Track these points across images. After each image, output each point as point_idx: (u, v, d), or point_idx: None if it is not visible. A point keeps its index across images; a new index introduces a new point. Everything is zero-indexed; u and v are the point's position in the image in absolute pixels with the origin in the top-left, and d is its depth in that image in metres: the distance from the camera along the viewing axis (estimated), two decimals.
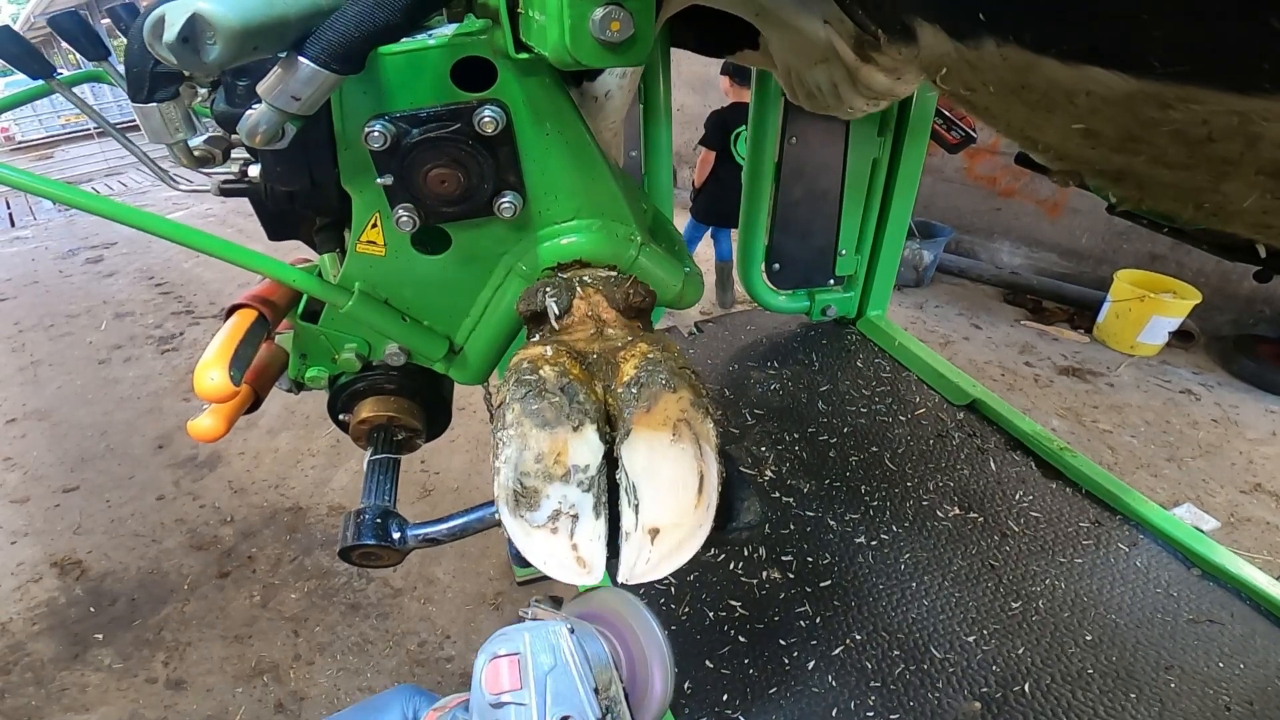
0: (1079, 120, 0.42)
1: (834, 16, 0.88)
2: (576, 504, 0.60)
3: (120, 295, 5.43)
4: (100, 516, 3.00)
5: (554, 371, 0.65)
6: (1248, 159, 0.35)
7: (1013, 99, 0.45)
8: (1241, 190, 0.38)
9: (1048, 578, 1.27)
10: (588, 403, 0.64)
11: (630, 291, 0.82)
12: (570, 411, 0.62)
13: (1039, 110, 0.44)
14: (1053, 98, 0.41)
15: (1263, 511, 2.62)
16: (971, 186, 4.57)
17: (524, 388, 0.63)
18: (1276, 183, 0.36)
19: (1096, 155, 0.46)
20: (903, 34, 0.48)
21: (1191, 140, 0.36)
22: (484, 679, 0.56)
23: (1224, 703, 1.05)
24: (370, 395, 0.98)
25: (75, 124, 14.41)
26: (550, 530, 0.59)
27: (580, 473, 0.61)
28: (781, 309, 2.03)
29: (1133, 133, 0.40)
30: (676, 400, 0.64)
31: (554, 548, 0.59)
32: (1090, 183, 0.61)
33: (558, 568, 0.59)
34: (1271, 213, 0.39)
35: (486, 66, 0.74)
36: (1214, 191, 0.41)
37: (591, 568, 0.59)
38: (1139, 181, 0.46)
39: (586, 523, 0.60)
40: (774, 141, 1.73)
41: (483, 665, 0.57)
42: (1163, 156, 0.40)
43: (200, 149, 0.78)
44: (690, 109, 6.24)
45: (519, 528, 0.60)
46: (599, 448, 0.62)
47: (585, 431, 0.62)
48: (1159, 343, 3.62)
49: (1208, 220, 0.46)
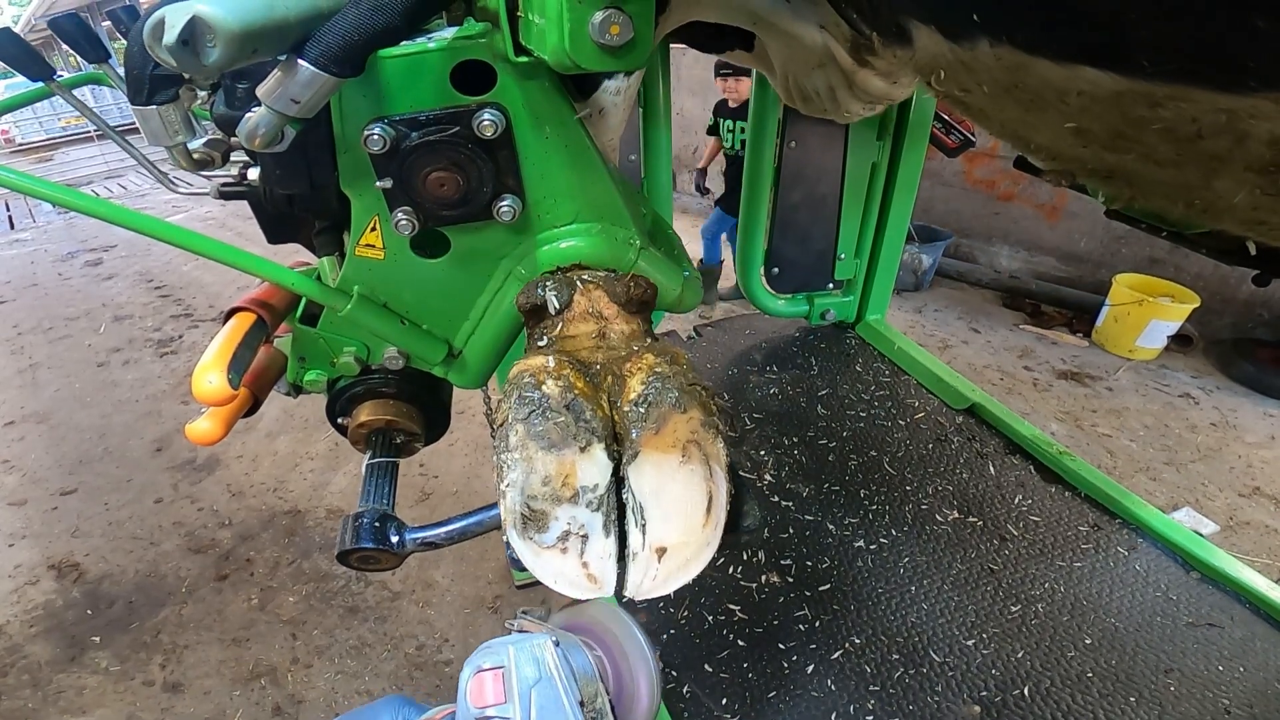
0: (1071, 119, 0.42)
1: (830, 22, 0.89)
2: (586, 524, 0.59)
3: (119, 298, 5.43)
4: (98, 519, 2.99)
5: (558, 387, 0.62)
6: (1236, 156, 0.36)
7: (1006, 99, 0.45)
8: (1231, 187, 0.39)
9: (1047, 581, 1.27)
10: (595, 420, 0.62)
11: (631, 285, 0.81)
12: (577, 431, 0.60)
13: (1032, 110, 0.45)
14: (1045, 97, 0.41)
15: (1262, 515, 2.62)
16: (970, 190, 4.58)
17: (527, 406, 0.61)
18: (1265, 179, 0.36)
19: (1089, 154, 0.46)
20: (898, 36, 0.49)
21: (1181, 138, 0.37)
22: (469, 692, 0.56)
23: (1224, 706, 1.05)
24: (369, 399, 0.98)
25: (75, 126, 14.42)
26: (560, 551, 0.58)
27: (589, 493, 0.59)
28: (780, 313, 2.03)
29: (1123, 131, 0.40)
30: (687, 421, 0.62)
31: (564, 567, 0.58)
32: (1083, 182, 0.61)
33: (568, 586, 0.58)
34: (1261, 209, 0.39)
35: (486, 70, 0.74)
36: (1204, 189, 0.41)
37: (603, 584, 0.58)
38: (1130, 179, 0.47)
39: (597, 542, 0.59)
40: (773, 145, 1.74)
41: (468, 678, 0.57)
42: (1153, 154, 0.41)
43: (200, 152, 0.78)
44: (690, 112, 6.25)
45: (528, 549, 0.59)
46: (607, 466, 0.60)
47: (593, 451, 0.60)
48: (1158, 347, 3.62)
49: (1199, 218, 0.46)
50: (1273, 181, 0.36)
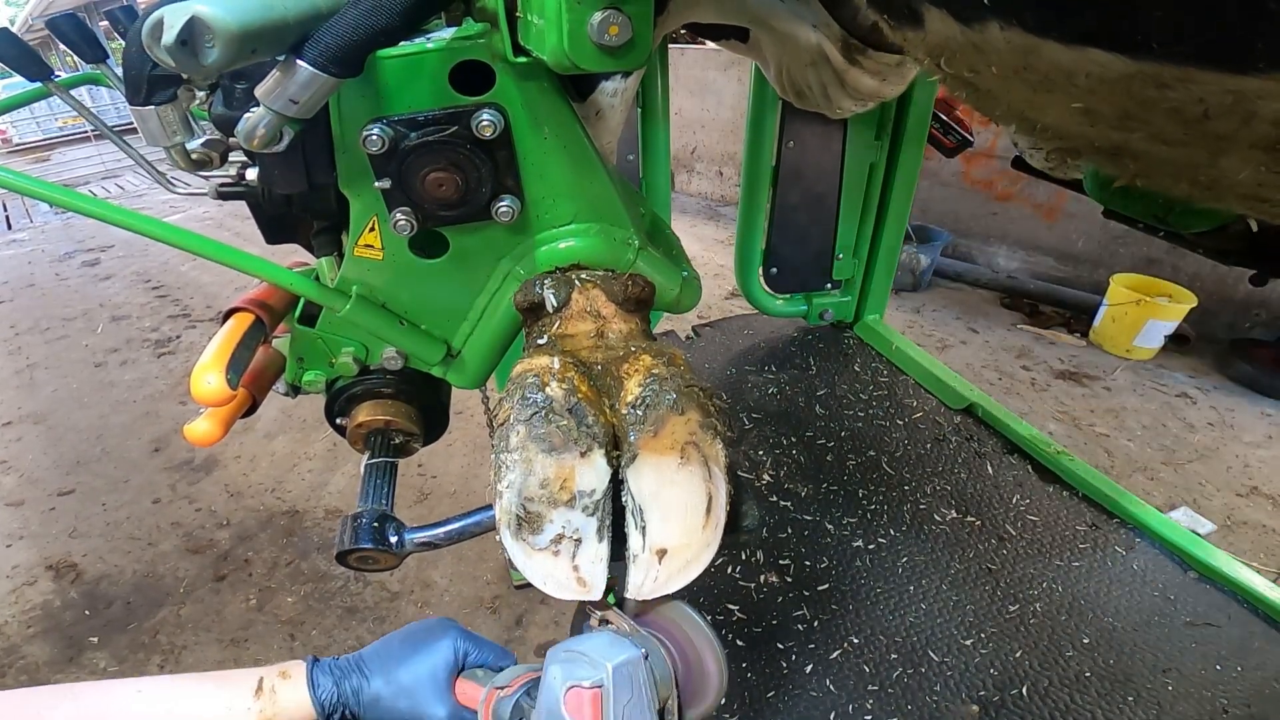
0: (1079, 100, 0.42)
1: (823, 21, 0.89)
2: (580, 528, 0.59)
3: (117, 298, 5.41)
4: (96, 520, 2.99)
5: (562, 390, 0.62)
6: (1243, 135, 0.36)
7: (1015, 80, 0.45)
8: (1236, 165, 0.39)
9: (1045, 581, 1.27)
10: (596, 425, 0.61)
11: (629, 284, 0.81)
12: (579, 436, 0.60)
13: (1040, 91, 0.45)
14: (1054, 79, 0.42)
15: (1259, 514, 2.62)
16: (968, 191, 4.58)
17: (530, 408, 0.61)
18: (1271, 157, 0.37)
19: (1095, 133, 0.47)
20: (910, 19, 0.49)
21: (1188, 118, 0.37)
22: (567, 703, 0.56)
23: (1221, 705, 1.05)
24: (367, 399, 0.98)
25: (73, 126, 14.39)
26: (552, 553, 0.59)
27: (586, 498, 0.59)
28: (779, 313, 2.03)
29: (1131, 112, 0.40)
30: (685, 423, 0.62)
31: (554, 569, 0.58)
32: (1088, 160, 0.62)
33: (556, 588, 0.58)
34: (1266, 186, 0.40)
35: (485, 70, 0.74)
36: (1210, 167, 0.41)
37: (592, 588, 0.58)
38: (1136, 157, 0.47)
39: (589, 546, 0.59)
40: (771, 146, 1.74)
41: (563, 684, 0.57)
42: (1160, 134, 0.41)
43: (198, 152, 0.78)
44: (688, 112, 6.25)
45: (520, 549, 0.59)
46: (606, 473, 0.60)
47: (593, 457, 0.60)
48: (1155, 346, 3.62)
49: (1202, 195, 0.47)
50: (1277, 159, 0.37)
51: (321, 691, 0.64)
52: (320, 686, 0.65)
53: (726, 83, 5.84)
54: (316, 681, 0.65)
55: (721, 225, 5.86)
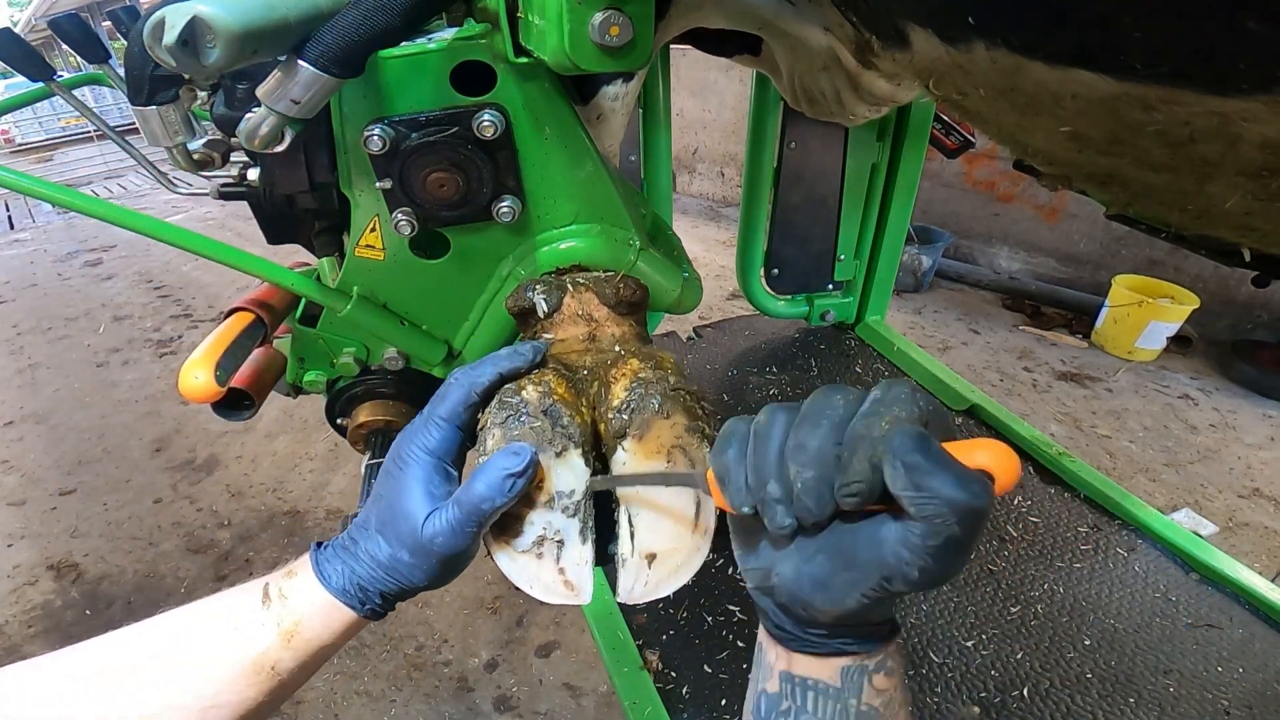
0: (1066, 123, 0.42)
1: (835, 23, 0.89)
2: (562, 530, 0.58)
3: (119, 298, 5.42)
4: (97, 519, 2.99)
5: (537, 393, 0.62)
6: (1229, 160, 0.36)
7: (1003, 102, 0.45)
8: (1223, 192, 0.39)
9: (1046, 582, 1.27)
10: (572, 426, 0.61)
11: (620, 286, 0.81)
12: (553, 436, 0.60)
13: (1028, 113, 0.45)
14: (1040, 101, 0.42)
15: (1261, 516, 2.62)
16: (970, 192, 4.58)
17: (505, 411, 0.60)
18: (1256, 184, 0.36)
19: (1084, 159, 0.46)
20: (896, 39, 0.49)
21: (1174, 141, 0.37)
22: None
23: (1223, 707, 1.05)
24: (368, 399, 0.98)
25: (75, 127, 14.40)
26: (535, 556, 0.58)
27: (565, 498, 0.59)
28: (780, 314, 2.03)
29: (1118, 135, 0.40)
30: (670, 427, 0.62)
31: (539, 572, 0.58)
32: (1080, 188, 0.62)
33: (544, 591, 0.58)
34: (1254, 214, 0.40)
35: (486, 71, 0.74)
36: (1198, 194, 0.41)
37: (579, 590, 0.58)
38: (1126, 184, 0.47)
39: (573, 548, 0.58)
40: (773, 147, 1.74)
41: None
42: (1147, 158, 0.41)
43: (199, 152, 0.78)
44: (690, 113, 6.26)
45: (503, 553, 0.59)
46: (584, 472, 0.60)
47: (569, 457, 0.60)
48: (1157, 348, 3.62)
49: (1194, 224, 0.47)
50: (1264, 186, 0.36)
51: (334, 576, 0.56)
52: (329, 575, 0.56)
53: (728, 84, 5.84)
54: (324, 573, 0.56)
55: (723, 226, 5.86)
